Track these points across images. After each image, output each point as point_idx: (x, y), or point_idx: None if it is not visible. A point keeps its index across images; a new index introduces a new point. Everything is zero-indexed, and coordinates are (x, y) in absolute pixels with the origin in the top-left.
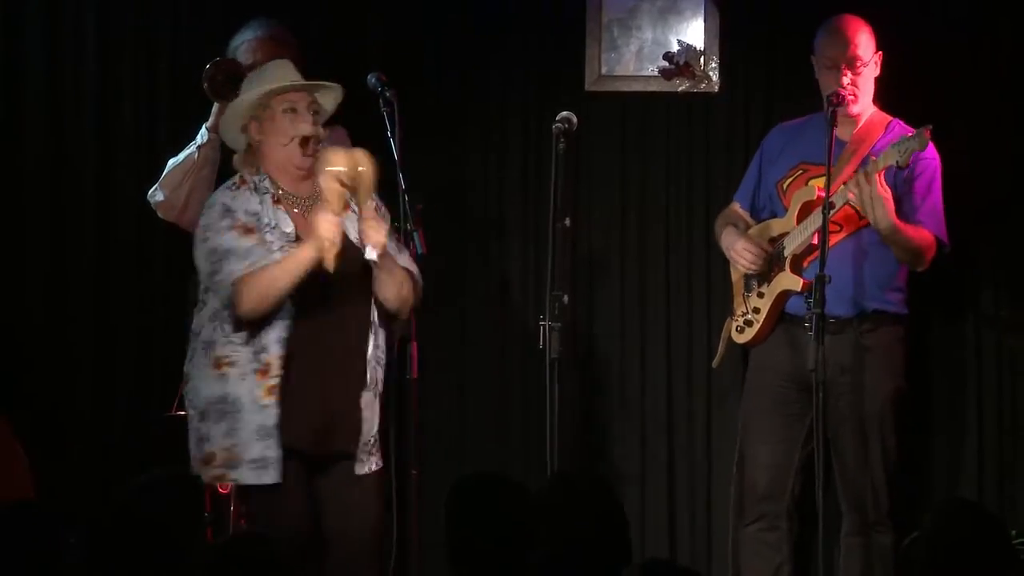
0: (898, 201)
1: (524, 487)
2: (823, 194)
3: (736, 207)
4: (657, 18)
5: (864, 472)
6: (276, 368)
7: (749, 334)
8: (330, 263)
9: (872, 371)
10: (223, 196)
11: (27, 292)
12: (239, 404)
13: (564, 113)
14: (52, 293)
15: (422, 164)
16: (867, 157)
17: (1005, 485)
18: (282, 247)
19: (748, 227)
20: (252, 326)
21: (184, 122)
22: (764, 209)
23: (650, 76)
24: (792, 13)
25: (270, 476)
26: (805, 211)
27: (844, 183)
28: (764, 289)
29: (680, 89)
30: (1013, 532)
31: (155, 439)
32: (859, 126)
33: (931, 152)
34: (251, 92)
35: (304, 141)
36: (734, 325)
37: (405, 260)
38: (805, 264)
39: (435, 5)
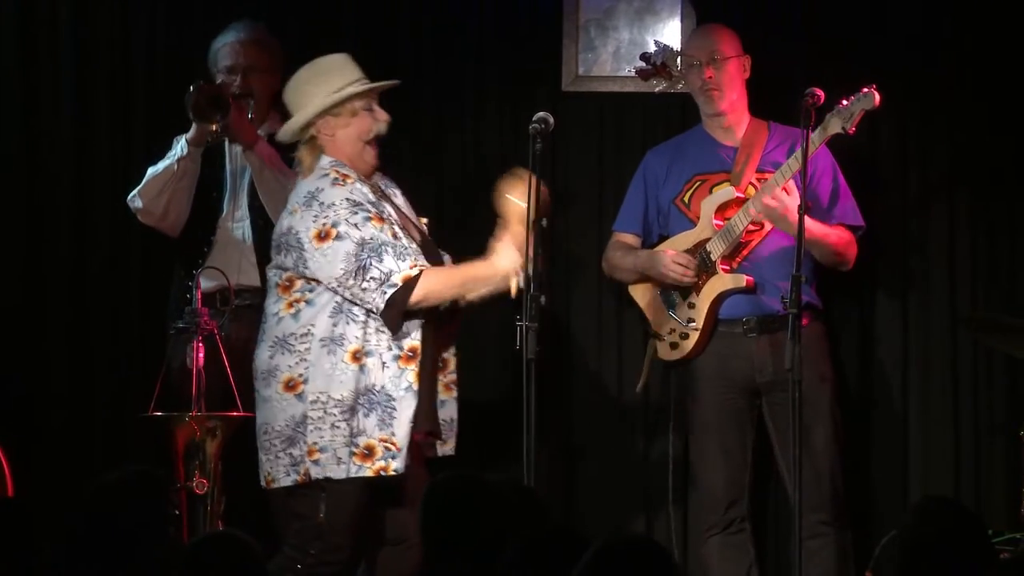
0: (808, 210)
1: (500, 488)
2: (742, 195)
3: (624, 237)
4: (634, 19)
5: (817, 468)
6: (419, 353)
7: (686, 347)
8: (515, 287)
9: (811, 366)
10: (338, 192)
11: (3, 293)
12: (388, 393)
13: (541, 114)
14: (28, 294)
15: (399, 163)
16: (791, 148)
17: (981, 483)
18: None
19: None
20: (409, 316)
21: (161, 124)
22: (652, 232)
23: (627, 77)
24: (767, 14)
25: (405, 463)
26: (724, 213)
27: (750, 184)
28: (694, 299)
29: (657, 90)
30: (990, 531)
31: (132, 440)
32: (742, 132)
33: (821, 150)
34: (342, 92)
35: (374, 140)
36: (660, 344)
37: None
38: (735, 265)
39: (411, 5)
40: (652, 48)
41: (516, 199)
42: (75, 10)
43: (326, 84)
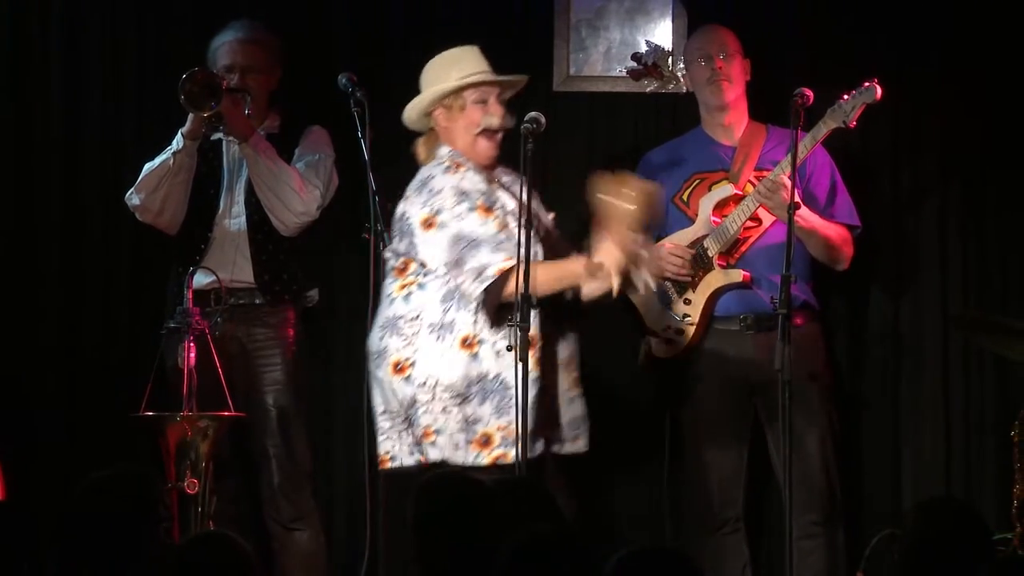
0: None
1: (490, 487)
2: (740, 192)
3: None
4: (625, 19)
5: (810, 469)
6: (538, 340)
7: (681, 343)
8: (616, 286)
9: (804, 366)
10: (448, 180)
11: None
12: (505, 381)
13: (532, 113)
14: (19, 293)
15: (392, 164)
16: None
17: (971, 483)
18: (509, 224)
19: None
20: (508, 307)
21: (153, 121)
22: (651, 233)
23: (618, 77)
24: (759, 14)
25: (532, 451)
26: (722, 210)
27: (748, 182)
28: (690, 295)
29: (648, 90)
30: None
31: (124, 439)
32: (740, 133)
33: (819, 149)
34: (448, 83)
35: (490, 132)
36: (655, 342)
37: None
38: (733, 260)
39: (402, 5)
40: (643, 48)
41: (618, 200)
42: (66, 5)
43: (444, 75)
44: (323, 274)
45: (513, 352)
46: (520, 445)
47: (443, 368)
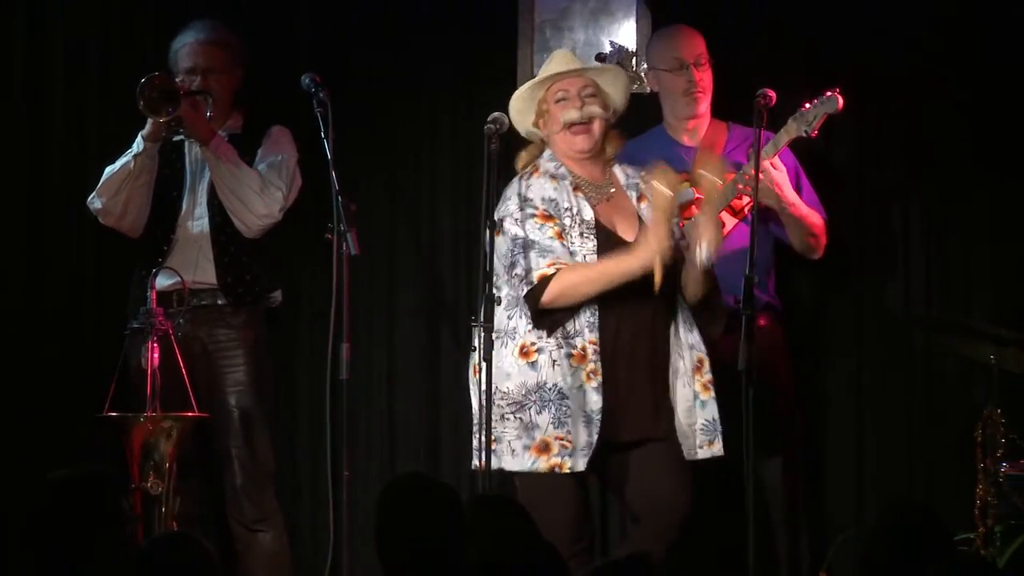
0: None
1: (454, 489)
2: (701, 196)
3: None
4: (589, 19)
5: (771, 471)
6: (592, 353)
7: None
8: (659, 277)
9: (765, 369)
10: (518, 186)
11: None
12: (564, 392)
13: (496, 114)
14: None
15: (355, 164)
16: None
17: (934, 483)
18: (582, 233)
19: None
20: (548, 315)
21: (116, 124)
22: None
23: None
24: (722, 14)
25: (585, 464)
26: (684, 214)
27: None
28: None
29: None
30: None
31: (87, 440)
32: (702, 132)
33: (783, 151)
34: (521, 88)
35: (574, 127)
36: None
37: None
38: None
39: (366, 5)
40: (607, 49)
41: (661, 187)
42: (28, 9)
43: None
44: (287, 275)
45: (477, 353)
46: (484, 453)
47: (501, 375)
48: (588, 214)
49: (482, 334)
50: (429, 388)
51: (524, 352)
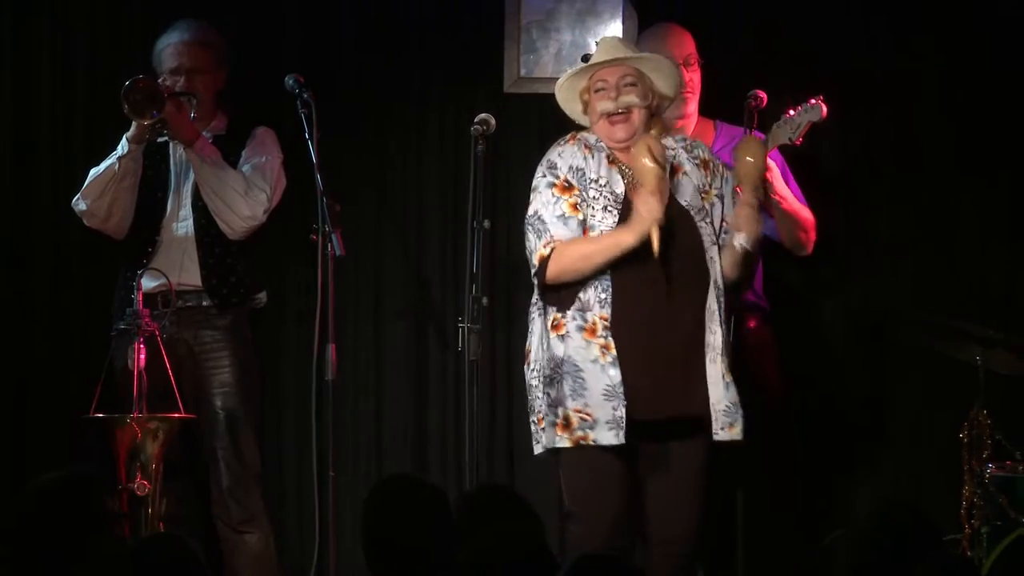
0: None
1: (442, 490)
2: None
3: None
4: (575, 20)
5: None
6: (601, 328)
7: None
8: (655, 245)
9: (757, 372)
10: (552, 153)
11: None
12: (579, 364)
13: (482, 115)
14: None
15: (340, 165)
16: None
17: (921, 484)
18: (605, 207)
19: None
20: (557, 289)
21: (102, 126)
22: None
23: None
24: (707, 15)
25: (619, 437)
26: None
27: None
28: None
29: None
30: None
31: (74, 441)
32: (689, 131)
33: (772, 152)
34: (560, 80)
35: (612, 117)
36: None
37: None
38: None
39: (353, 6)
40: (594, 49)
41: (647, 160)
42: (13, 11)
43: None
44: (271, 276)
45: (464, 350)
46: (469, 456)
47: (541, 350)
48: (619, 187)
49: (468, 335)
50: (415, 389)
51: (555, 326)
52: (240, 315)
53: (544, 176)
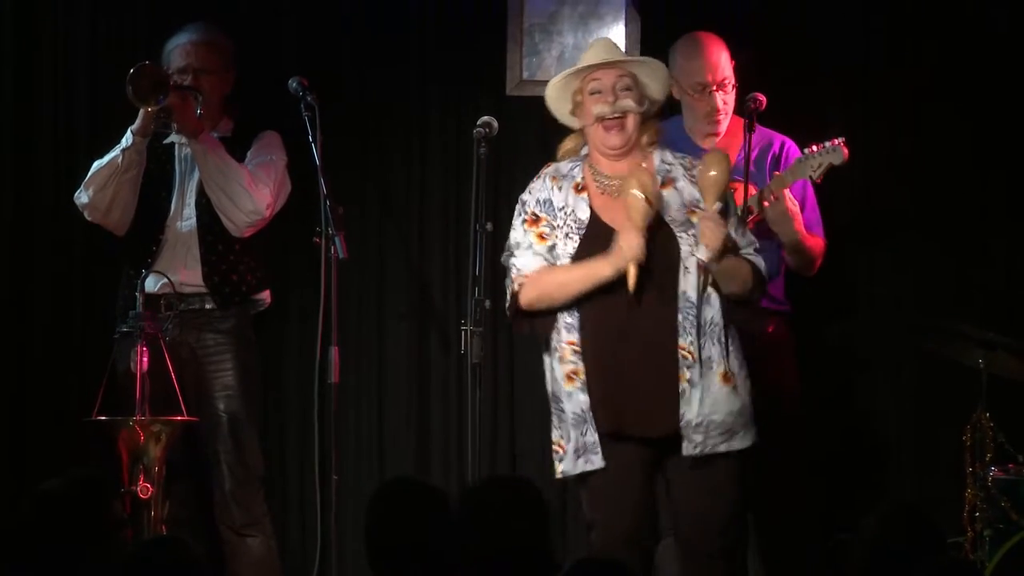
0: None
1: (444, 492)
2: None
3: None
4: (578, 23)
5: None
6: (570, 353)
7: None
8: (632, 282)
9: (774, 377)
10: (526, 190)
11: None
12: (558, 395)
13: (485, 118)
14: None
15: (343, 168)
16: (764, 155)
17: (925, 487)
18: (567, 234)
19: None
20: (528, 316)
21: (104, 123)
22: None
23: None
24: (711, 18)
25: (592, 463)
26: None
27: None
28: None
29: None
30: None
31: (76, 444)
32: (720, 136)
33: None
34: (554, 78)
35: (606, 122)
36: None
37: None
38: None
39: (355, 9)
40: None
41: (636, 192)
42: (15, 9)
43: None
44: (274, 278)
45: (466, 353)
46: (471, 458)
47: (548, 380)
48: (584, 214)
49: (471, 338)
50: (418, 392)
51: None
52: (243, 318)
53: (519, 215)
